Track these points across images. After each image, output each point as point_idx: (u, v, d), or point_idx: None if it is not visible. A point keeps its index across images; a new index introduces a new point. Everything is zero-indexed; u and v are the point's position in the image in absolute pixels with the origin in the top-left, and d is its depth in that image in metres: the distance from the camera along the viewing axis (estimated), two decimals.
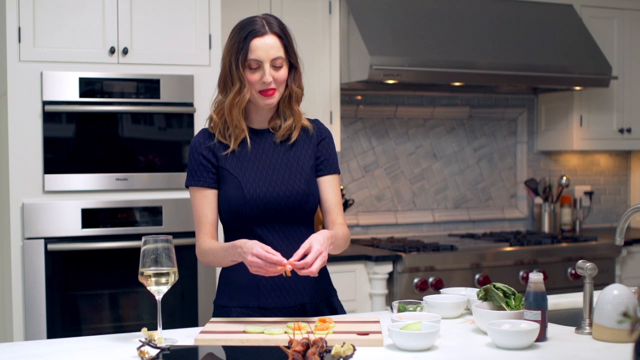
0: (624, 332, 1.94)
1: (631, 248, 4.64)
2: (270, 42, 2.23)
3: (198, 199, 2.32)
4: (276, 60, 2.24)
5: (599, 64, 4.64)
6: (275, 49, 2.24)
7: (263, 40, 2.23)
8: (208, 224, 2.31)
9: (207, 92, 3.59)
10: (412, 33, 4.28)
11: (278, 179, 2.29)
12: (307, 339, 1.83)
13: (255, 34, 2.23)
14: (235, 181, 2.28)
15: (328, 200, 2.35)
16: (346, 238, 2.32)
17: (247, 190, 2.26)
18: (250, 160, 2.31)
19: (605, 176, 5.44)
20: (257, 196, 2.26)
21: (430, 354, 1.88)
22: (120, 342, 2.03)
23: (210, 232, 2.32)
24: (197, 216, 2.33)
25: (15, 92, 3.33)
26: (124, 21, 3.47)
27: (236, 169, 2.29)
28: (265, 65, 2.23)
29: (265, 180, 2.28)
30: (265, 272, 2.08)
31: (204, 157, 2.31)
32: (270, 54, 2.23)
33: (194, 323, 3.48)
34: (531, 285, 2.04)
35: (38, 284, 3.34)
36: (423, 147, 4.86)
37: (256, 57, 2.23)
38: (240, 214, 2.27)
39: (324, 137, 2.39)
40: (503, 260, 4.22)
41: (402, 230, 4.81)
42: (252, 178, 2.28)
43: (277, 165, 2.31)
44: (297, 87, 2.32)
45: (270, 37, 2.24)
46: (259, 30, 2.23)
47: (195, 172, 2.32)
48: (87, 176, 3.43)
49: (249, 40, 2.23)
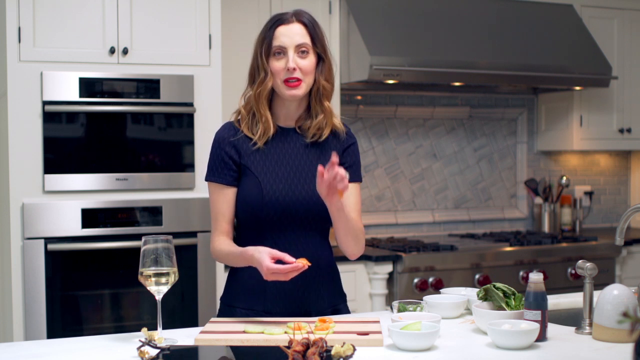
0: (624, 332, 1.94)
1: (631, 248, 4.64)
2: (296, 29, 2.22)
3: (216, 196, 2.29)
4: (301, 47, 2.21)
5: (599, 64, 4.64)
6: (300, 35, 2.22)
7: (288, 27, 2.22)
8: (224, 222, 2.29)
9: (207, 92, 3.60)
10: (412, 33, 4.28)
11: (299, 182, 2.25)
12: (307, 339, 1.83)
13: (282, 22, 2.23)
14: (256, 181, 2.24)
15: (347, 205, 2.28)
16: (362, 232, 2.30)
17: (265, 191, 2.23)
18: (274, 159, 2.27)
19: (605, 176, 5.44)
20: (275, 198, 2.23)
21: (430, 354, 1.88)
22: (120, 342, 2.03)
23: (226, 230, 2.29)
24: (214, 213, 2.30)
25: (15, 92, 3.33)
26: (124, 21, 3.47)
27: (258, 167, 2.25)
28: (290, 51, 2.20)
29: (285, 182, 2.24)
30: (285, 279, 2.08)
31: (226, 153, 2.27)
32: (294, 40, 2.21)
33: (194, 323, 3.48)
34: (531, 285, 2.04)
35: (38, 284, 3.34)
36: (423, 147, 4.86)
37: (280, 43, 2.21)
38: (256, 214, 2.24)
39: (351, 144, 2.36)
40: (503, 260, 4.22)
41: (402, 230, 4.81)
42: (272, 179, 2.24)
43: (300, 167, 2.27)
44: (325, 81, 2.27)
45: (296, 25, 2.23)
46: (285, 18, 2.23)
47: (216, 167, 2.28)
48: (87, 176, 3.43)
49: (275, 27, 2.22)
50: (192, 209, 3.55)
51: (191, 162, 3.56)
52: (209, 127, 3.49)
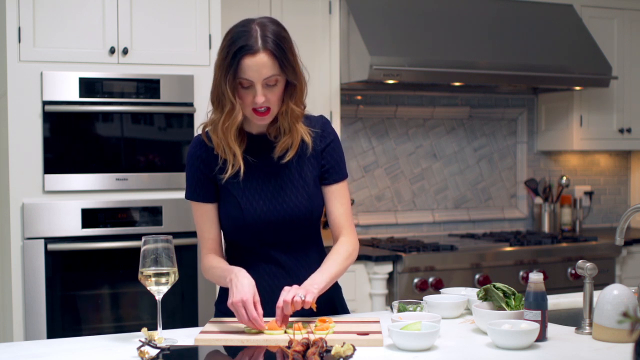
0: (624, 332, 1.94)
1: (631, 248, 4.64)
2: (263, 61, 2.06)
3: (198, 214, 2.27)
4: (269, 79, 2.09)
5: (599, 64, 4.64)
6: (268, 67, 2.07)
7: (254, 60, 2.06)
8: (210, 239, 2.27)
9: (207, 92, 3.55)
10: (412, 33, 4.28)
11: (280, 196, 2.21)
12: (307, 339, 1.83)
13: (247, 51, 2.06)
14: (234, 201, 2.20)
15: (333, 212, 2.25)
16: (348, 255, 2.23)
17: (246, 211, 2.19)
18: (251, 176, 2.21)
19: (605, 176, 5.44)
20: (257, 216, 2.19)
21: (430, 354, 1.88)
22: (120, 342, 2.03)
23: (213, 248, 2.27)
24: (199, 231, 2.28)
25: (15, 92, 3.33)
26: (124, 21, 3.47)
27: (235, 186, 2.20)
28: (257, 85, 2.08)
29: (265, 199, 2.20)
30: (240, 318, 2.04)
31: (201, 171, 2.22)
32: (262, 73, 2.07)
33: (194, 323, 3.48)
34: (531, 285, 2.04)
35: (38, 284, 3.34)
36: (423, 147, 4.86)
37: (247, 77, 2.07)
38: (241, 234, 2.22)
39: (329, 142, 2.26)
40: (503, 260, 4.22)
41: (402, 230, 4.81)
42: (251, 197, 2.20)
43: (278, 181, 2.22)
44: (294, 105, 2.15)
45: (263, 55, 2.06)
46: (251, 46, 2.06)
47: (193, 186, 2.25)
48: (87, 176, 3.43)
49: (239, 57, 2.06)
50: None
51: None
52: None
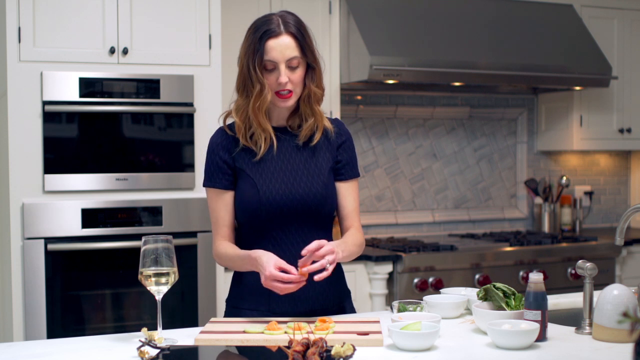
0: (624, 332, 1.94)
1: (631, 248, 4.64)
2: (286, 42, 2.22)
3: (214, 201, 2.33)
4: (292, 61, 2.23)
5: (599, 64, 4.64)
6: (291, 49, 2.22)
7: (278, 41, 2.21)
8: (225, 226, 2.32)
9: (207, 92, 3.60)
10: (412, 33, 4.28)
11: (295, 181, 2.28)
12: (307, 339, 1.83)
13: (270, 34, 2.21)
14: (252, 182, 2.27)
15: (346, 206, 2.35)
16: (360, 244, 2.33)
17: (262, 192, 2.25)
18: (269, 161, 2.29)
19: (605, 176, 5.44)
20: (272, 198, 2.25)
21: (430, 354, 1.88)
22: (120, 342, 2.03)
23: (227, 235, 2.33)
24: (214, 218, 2.34)
25: (15, 92, 3.33)
26: (124, 21, 3.47)
27: (253, 169, 2.28)
28: (281, 66, 2.22)
29: (282, 182, 2.27)
30: (279, 291, 2.09)
31: (220, 158, 2.30)
32: (285, 54, 2.21)
33: (194, 323, 3.48)
34: (531, 285, 2.04)
35: (38, 284, 3.34)
36: (423, 147, 4.86)
37: (271, 58, 2.21)
38: (255, 215, 2.27)
39: (345, 140, 2.37)
40: (503, 260, 4.22)
41: (402, 230, 4.81)
42: (268, 179, 2.27)
43: (295, 167, 2.30)
44: (316, 87, 2.30)
45: (286, 37, 2.22)
46: (274, 30, 2.22)
47: (211, 173, 2.32)
48: (87, 176, 3.43)
49: (264, 40, 2.21)
50: (192, 209, 3.55)
51: (191, 162, 3.56)
52: (209, 127, 3.49)
